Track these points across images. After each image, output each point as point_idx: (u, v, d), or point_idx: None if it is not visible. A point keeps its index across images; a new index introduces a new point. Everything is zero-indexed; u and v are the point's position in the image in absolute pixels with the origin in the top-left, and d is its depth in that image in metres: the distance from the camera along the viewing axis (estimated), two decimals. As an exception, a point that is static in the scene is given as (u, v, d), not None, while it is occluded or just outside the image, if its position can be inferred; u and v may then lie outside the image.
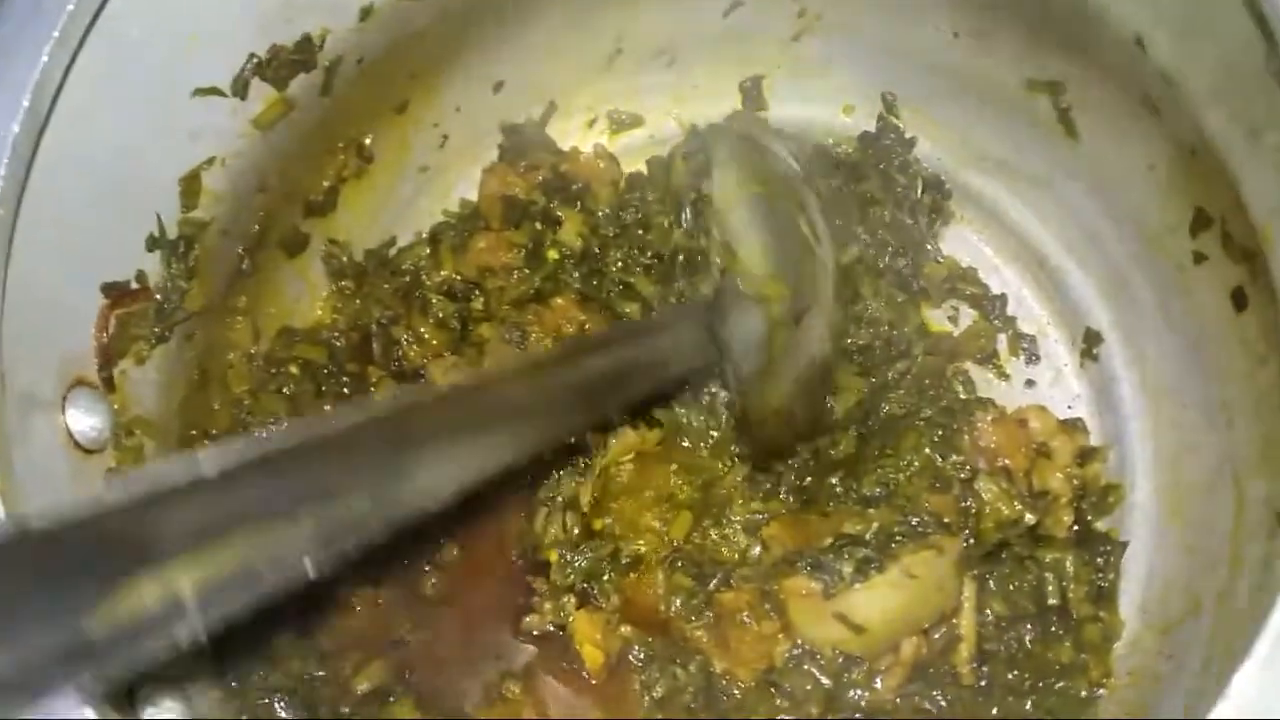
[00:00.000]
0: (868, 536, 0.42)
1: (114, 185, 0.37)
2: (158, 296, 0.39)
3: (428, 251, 0.55)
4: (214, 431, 0.47)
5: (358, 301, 0.55)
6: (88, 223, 0.36)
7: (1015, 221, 0.55)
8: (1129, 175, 0.47)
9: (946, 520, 0.43)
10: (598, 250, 0.53)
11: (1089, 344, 0.52)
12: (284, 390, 0.51)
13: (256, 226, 0.48)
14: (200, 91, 0.39)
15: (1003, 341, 0.55)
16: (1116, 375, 0.52)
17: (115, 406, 0.37)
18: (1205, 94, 0.35)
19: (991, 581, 0.43)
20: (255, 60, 0.40)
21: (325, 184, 0.53)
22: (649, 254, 0.53)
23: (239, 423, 0.48)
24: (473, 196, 0.58)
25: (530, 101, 0.58)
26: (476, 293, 0.54)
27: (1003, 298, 0.55)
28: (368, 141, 0.53)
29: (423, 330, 0.53)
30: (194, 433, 0.45)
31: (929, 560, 0.41)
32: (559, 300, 0.53)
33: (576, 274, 0.52)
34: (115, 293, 0.37)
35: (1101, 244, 0.51)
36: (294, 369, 0.52)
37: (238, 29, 0.39)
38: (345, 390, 0.52)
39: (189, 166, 0.40)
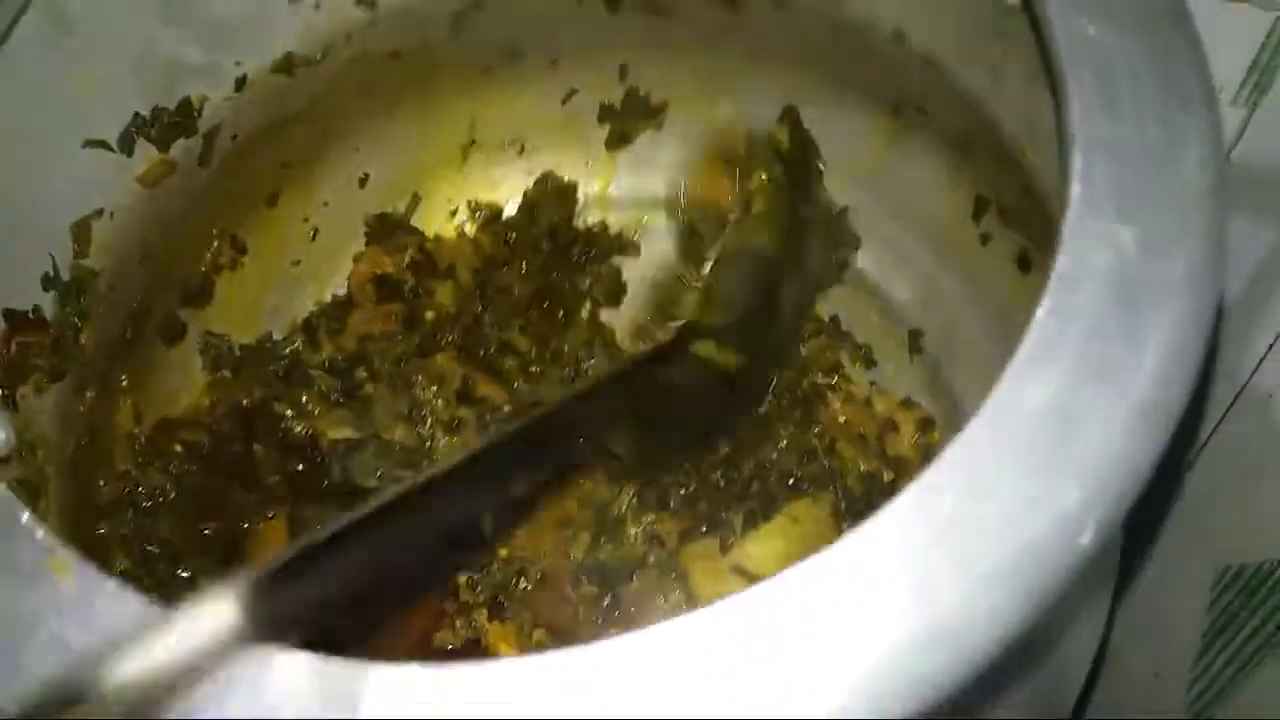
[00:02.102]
0: (752, 492, 0.46)
1: (13, 221, 0.39)
2: (52, 331, 0.40)
3: (304, 339, 0.58)
4: (99, 502, 0.47)
5: (238, 387, 0.57)
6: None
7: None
8: (920, 190, 0.56)
9: (816, 479, 0.48)
10: (475, 312, 0.58)
11: (913, 340, 0.59)
12: (170, 468, 0.51)
13: (139, 299, 0.50)
14: (90, 143, 0.42)
15: (844, 355, 0.61)
16: (940, 359, 0.59)
17: (17, 426, 0.37)
18: (956, 60, 0.43)
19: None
20: (140, 118, 0.44)
21: (202, 269, 0.55)
22: (521, 312, 0.58)
23: (124, 497, 0.49)
24: (344, 290, 0.62)
25: (395, 195, 0.63)
26: (360, 367, 0.56)
27: (835, 318, 0.63)
28: (241, 233, 0.57)
29: (305, 401, 0.55)
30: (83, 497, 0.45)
31: (808, 507, 0.45)
32: (439, 357, 0.56)
33: (453, 334, 0.56)
34: (15, 319, 0.38)
35: (907, 257, 0.59)
36: (178, 447, 0.52)
37: (126, 85, 0.42)
38: (230, 467, 0.53)
39: (80, 214, 0.42)
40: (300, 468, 0.52)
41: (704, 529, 0.47)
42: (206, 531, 0.49)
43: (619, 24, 0.56)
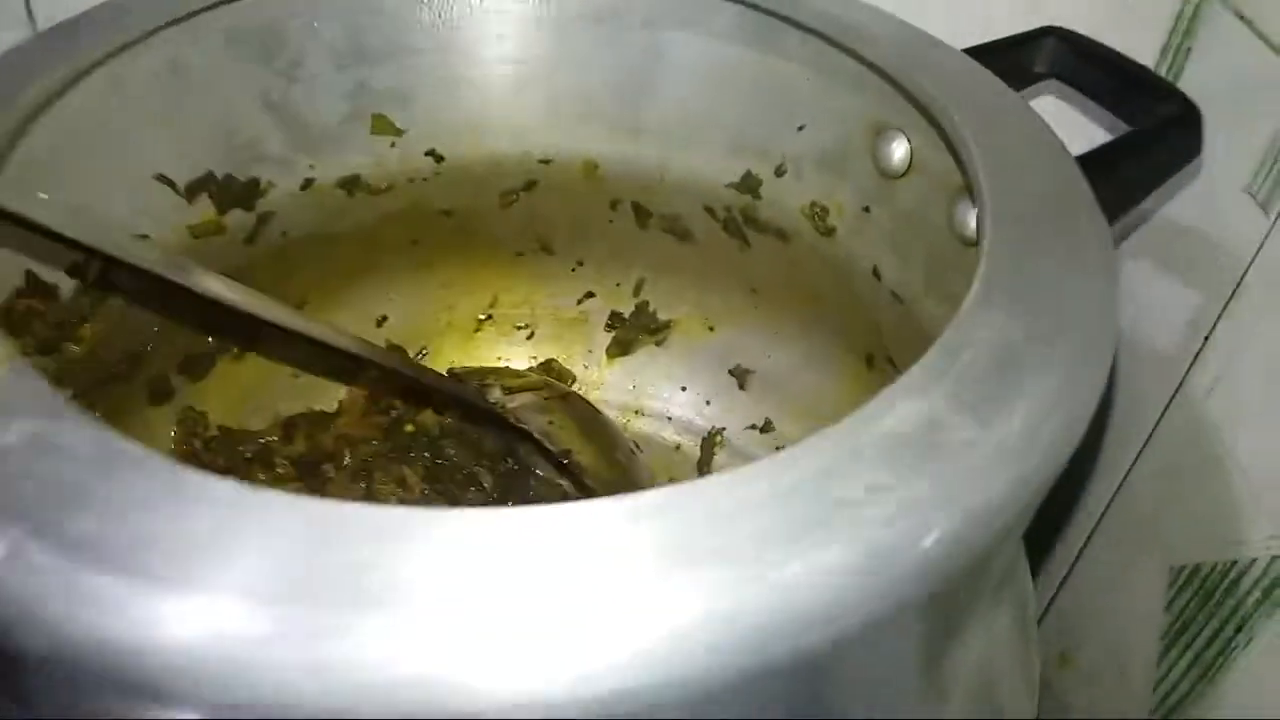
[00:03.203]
0: None
1: (67, 200, 0.43)
2: (61, 309, 0.44)
3: (281, 434, 0.61)
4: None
5: (202, 460, 0.58)
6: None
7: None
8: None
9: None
10: (449, 451, 0.60)
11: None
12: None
13: (142, 345, 0.53)
14: (159, 177, 0.48)
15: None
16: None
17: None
18: (919, 294, 0.49)
19: None
20: (211, 176, 0.50)
21: (209, 347, 0.59)
22: (492, 458, 0.61)
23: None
24: (330, 409, 0.65)
25: (407, 342, 0.68)
26: (328, 462, 0.58)
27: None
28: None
29: (261, 476, 0.56)
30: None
31: None
32: (406, 469, 0.58)
33: (425, 453, 0.58)
34: (33, 283, 0.42)
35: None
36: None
37: (209, 145, 0.49)
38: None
39: (126, 230, 0.47)
40: None
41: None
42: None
43: (643, 240, 0.64)
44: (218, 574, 0.21)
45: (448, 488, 0.56)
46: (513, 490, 0.58)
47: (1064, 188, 0.35)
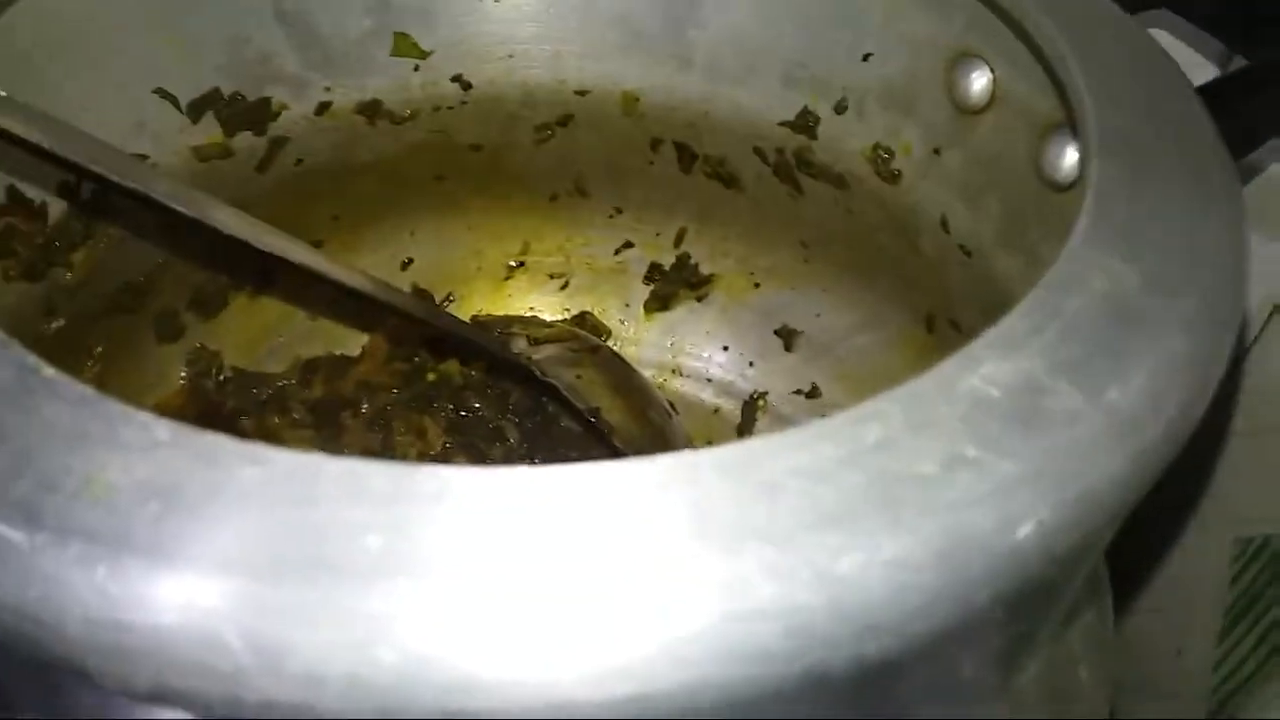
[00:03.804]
0: None
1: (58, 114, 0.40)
2: (48, 231, 0.40)
3: (299, 377, 0.57)
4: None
5: (214, 401, 0.55)
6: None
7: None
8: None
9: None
10: (473, 403, 0.56)
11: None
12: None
13: (146, 276, 0.50)
14: (160, 92, 0.44)
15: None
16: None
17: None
18: (992, 247, 0.44)
19: None
20: (217, 94, 0.46)
21: (221, 284, 0.56)
22: (519, 413, 0.57)
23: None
24: (351, 353, 0.61)
25: (433, 288, 0.64)
26: (346, 410, 0.54)
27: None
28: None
29: (276, 420, 0.52)
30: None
31: None
32: (427, 418, 0.54)
33: (449, 404, 0.54)
34: (15, 200, 0.38)
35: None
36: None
37: (216, 59, 0.45)
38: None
39: (125, 149, 0.43)
40: None
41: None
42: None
43: (686, 186, 0.59)
44: (187, 544, 0.17)
45: (471, 441, 0.53)
46: (539, 446, 0.54)
47: (1184, 121, 0.29)
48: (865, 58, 0.46)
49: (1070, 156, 0.37)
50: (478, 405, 0.56)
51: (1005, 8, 0.38)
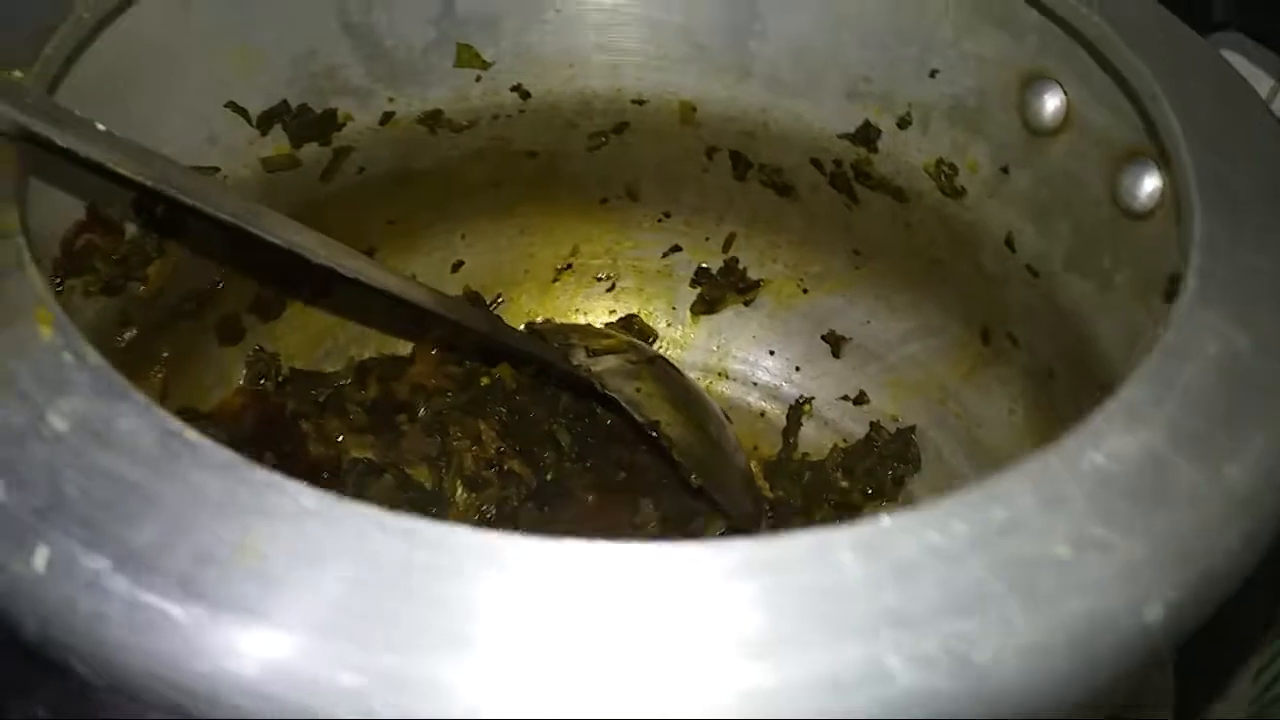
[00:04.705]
0: None
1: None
2: (124, 247, 0.41)
3: (354, 377, 0.58)
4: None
5: (273, 402, 0.56)
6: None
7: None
8: (990, 426, 0.55)
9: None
10: (526, 405, 0.57)
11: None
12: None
13: (212, 283, 0.50)
14: (231, 106, 0.44)
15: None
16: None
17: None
18: (1061, 269, 0.44)
19: None
20: (285, 106, 0.46)
21: (279, 289, 0.56)
22: (571, 417, 0.57)
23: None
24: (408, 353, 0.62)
25: (482, 288, 0.64)
26: (402, 414, 0.55)
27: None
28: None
29: (335, 423, 0.53)
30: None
31: None
32: (482, 423, 0.55)
33: (501, 408, 0.55)
34: (95, 217, 0.39)
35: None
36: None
37: (284, 73, 0.45)
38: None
39: (196, 163, 0.44)
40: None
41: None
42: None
43: (739, 193, 0.59)
44: (288, 603, 0.17)
45: (527, 446, 0.53)
46: (591, 450, 0.55)
47: (1274, 155, 0.29)
48: (932, 74, 0.46)
49: (1149, 185, 0.37)
50: (530, 410, 0.56)
51: (1079, 29, 0.38)
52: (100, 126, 0.34)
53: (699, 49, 0.52)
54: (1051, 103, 0.41)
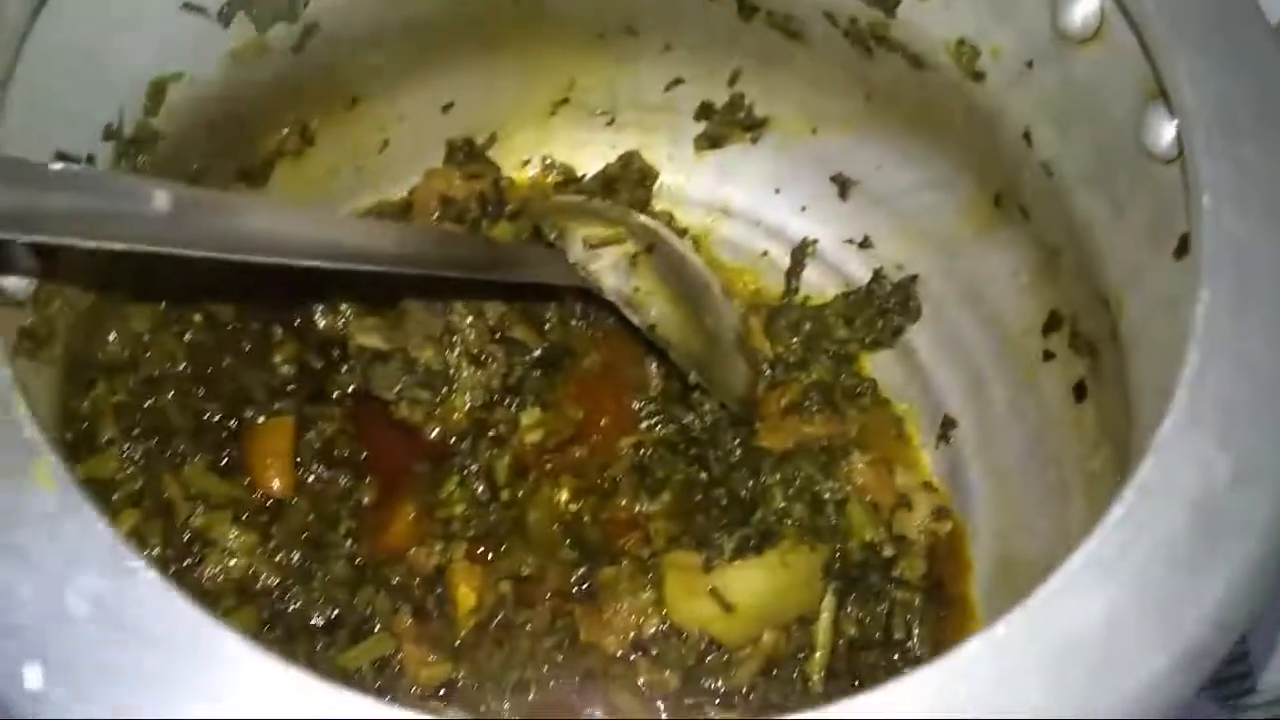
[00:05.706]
0: (753, 521, 0.45)
1: (89, 67, 0.37)
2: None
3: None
4: (103, 360, 0.46)
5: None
6: (59, 97, 0.36)
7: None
8: (997, 284, 0.54)
9: (819, 531, 0.47)
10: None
11: (944, 428, 0.58)
12: (184, 336, 0.50)
13: (195, 166, 0.48)
14: (188, 6, 0.41)
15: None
16: (966, 458, 0.57)
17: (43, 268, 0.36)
18: (1075, 179, 0.42)
19: (849, 605, 0.46)
20: (243, -8, 0.42)
21: (266, 152, 0.54)
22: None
23: (130, 360, 0.48)
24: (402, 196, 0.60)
25: (474, 128, 0.61)
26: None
27: (874, 382, 0.61)
28: (313, 125, 0.55)
29: (342, 305, 0.53)
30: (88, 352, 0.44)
31: (804, 554, 0.45)
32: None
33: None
34: (66, 161, 0.37)
35: (964, 346, 0.57)
36: (198, 317, 0.51)
37: (237, -42, 0.41)
38: (246, 347, 0.52)
39: (159, 73, 0.41)
40: (319, 365, 0.51)
41: (694, 542, 0.46)
42: (206, 415, 0.48)
43: (745, 31, 0.54)
44: None
45: (528, 309, 0.53)
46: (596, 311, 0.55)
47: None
48: (963, -55, 0.41)
49: (1169, 133, 0.34)
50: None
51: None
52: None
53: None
54: (1085, 7, 0.38)
